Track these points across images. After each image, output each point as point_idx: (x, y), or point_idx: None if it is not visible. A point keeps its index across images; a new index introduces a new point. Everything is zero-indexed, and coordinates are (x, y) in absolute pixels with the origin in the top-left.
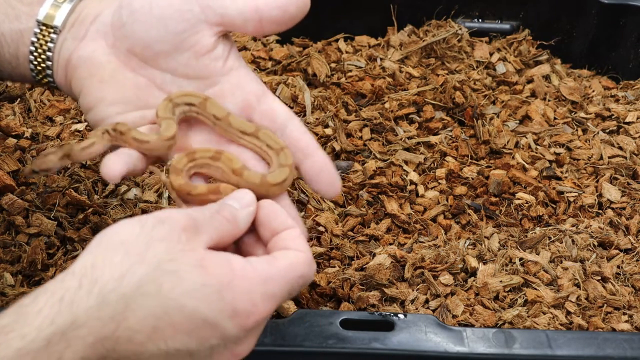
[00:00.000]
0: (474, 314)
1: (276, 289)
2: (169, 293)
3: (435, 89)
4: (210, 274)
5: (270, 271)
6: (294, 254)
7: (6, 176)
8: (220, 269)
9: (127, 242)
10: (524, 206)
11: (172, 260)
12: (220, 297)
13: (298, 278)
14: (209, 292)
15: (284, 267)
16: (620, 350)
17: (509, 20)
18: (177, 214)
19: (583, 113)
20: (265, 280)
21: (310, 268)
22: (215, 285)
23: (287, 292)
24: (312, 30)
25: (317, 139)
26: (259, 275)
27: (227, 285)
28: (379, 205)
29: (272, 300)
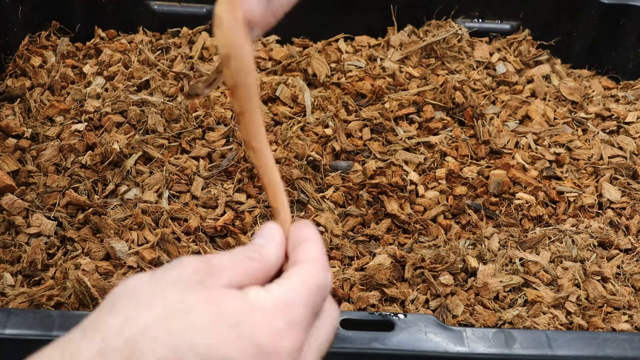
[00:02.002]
0: (474, 314)
1: (298, 312)
2: (178, 333)
3: (435, 89)
4: (223, 309)
5: (287, 295)
6: (305, 267)
7: (6, 176)
8: (234, 303)
9: (133, 289)
10: (524, 206)
11: (181, 300)
12: (238, 332)
13: (316, 290)
14: (223, 328)
15: (300, 284)
16: (620, 350)
17: (509, 20)
18: (189, 259)
19: (583, 113)
20: (285, 307)
21: (326, 275)
22: (230, 321)
23: (310, 311)
24: (312, 30)
25: (317, 139)
26: (278, 302)
27: (244, 319)
28: (379, 205)
29: (298, 326)
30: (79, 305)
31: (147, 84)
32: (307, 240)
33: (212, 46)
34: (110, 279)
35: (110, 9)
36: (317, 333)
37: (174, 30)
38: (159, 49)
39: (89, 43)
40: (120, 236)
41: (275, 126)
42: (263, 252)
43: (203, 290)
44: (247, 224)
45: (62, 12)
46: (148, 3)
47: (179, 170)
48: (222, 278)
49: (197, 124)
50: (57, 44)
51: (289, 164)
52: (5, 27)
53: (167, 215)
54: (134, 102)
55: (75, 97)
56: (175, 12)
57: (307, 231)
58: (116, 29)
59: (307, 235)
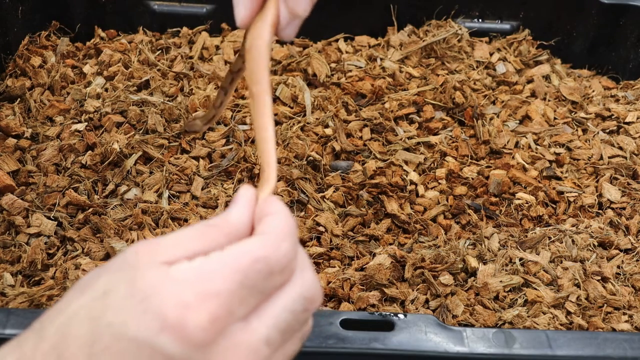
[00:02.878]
0: (474, 314)
1: (217, 285)
2: (97, 315)
3: (435, 89)
4: (138, 284)
5: (208, 266)
6: (249, 240)
7: (6, 176)
8: (151, 277)
9: (82, 280)
10: (524, 206)
11: (107, 284)
12: (145, 306)
13: (252, 263)
14: (134, 303)
15: (229, 255)
16: (620, 351)
17: (509, 20)
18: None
19: (583, 113)
20: (199, 276)
21: (275, 248)
22: (141, 294)
23: (238, 284)
24: (312, 30)
25: (317, 139)
26: (192, 272)
27: (154, 292)
28: (379, 205)
29: (214, 298)
30: None
31: (147, 84)
32: (269, 214)
33: (212, 46)
34: None
35: (110, 9)
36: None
37: (174, 30)
38: (159, 49)
39: (89, 43)
40: (120, 236)
41: (275, 126)
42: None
43: (129, 271)
44: None
45: (62, 12)
46: (148, 3)
47: (179, 170)
48: (159, 255)
49: None
50: (57, 44)
51: (289, 164)
52: (5, 27)
53: (167, 215)
54: (134, 102)
55: (75, 97)
56: (175, 12)
57: (273, 206)
58: (116, 29)
59: (271, 209)
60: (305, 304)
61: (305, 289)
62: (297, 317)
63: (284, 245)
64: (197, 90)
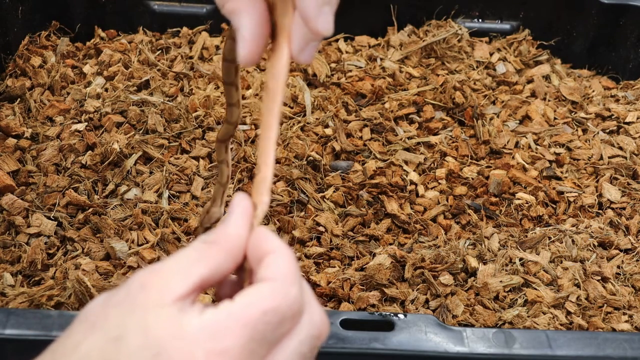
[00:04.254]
0: (474, 314)
1: (227, 342)
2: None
3: (435, 89)
4: (151, 335)
5: (218, 321)
6: (255, 290)
7: (6, 176)
8: (163, 328)
9: (86, 314)
10: (524, 206)
11: (119, 325)
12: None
13: (261, 316)
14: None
15: (237, 310)
16: (620, 350)
17: (509, 20)
18: (139, 273)
19: (583, 113)
20: (211, 335)
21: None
22: (154, 348)
23: (247, 339)
24: None
25: (317, 139)
26: (203, 329)
27: (165, 347)
28: (379, 205)
29: (223, 355)
30: (79, 305)
31: (147, 84)
32: (269, 252)
33: (212, 46)
34: (110, 279)
35: (110, 9)
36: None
37: (174, 30)
38: (159, 49)
39: (89, 43)
40: (120, 236)
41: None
42: (225, 231)
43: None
44: None
45: (62, 12)
46: (148, 3)
47: (179, 170)
48: (168, 292)
49: (197, 124)
50: (57, 44)
51: (289, 164)
52: (5, 27)
53: (167, 215)
54: (134, 102)
55: (75, 97)
56: (175, 12)
57: (270, 242)
58: (116, 29)
59: (270, 246)
60: (314, 342)
61: (314, 328)
62: (306, 356)
63: (293, 290)
64: (197, 90)
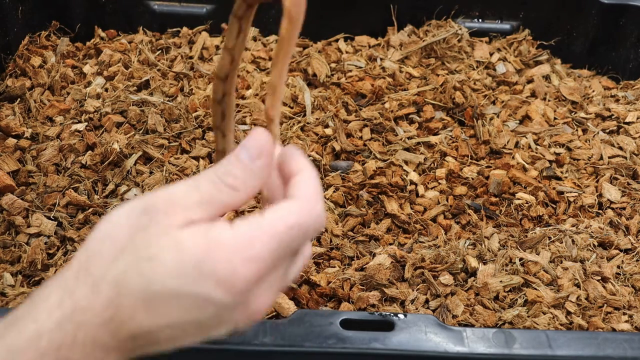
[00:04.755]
0: (474, 314)
1: (257, 250)
2: (150, 278)
3: (435, 89)
4: (186, 251)
5: (250, 233)
6: (285, 206)
7: (6, 176)
8: (196, 243)
9: (111, 236)
10: (524, 206)
11: (148, 246)
12: (200, 271)
13: (288, 230)
14: (188, 269)
15: (267, 224)
16: (620, 350)
17: (509, 20)
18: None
19: (583, 113)
20: (244, 244)
21: (309, 213)
22: (193, 261)
23: (275, 249)
24: (312, 30)
25: (317, 139)
26: (236, 240)
27: (205, 258)
28: (379, 205)
29: (255, 261)
30: None
31: (147, 84)
32: (297, 172)
33: (212, 46)
34: None
35: (110, 9)
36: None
37: (174, 30)
38: (159, 49)
39: (89, 43)
40: None
41: None
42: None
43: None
44: None
45: (62, 12)
46: (148, 3)
47: (179, 170)
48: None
49: (197, 124)
50: (57, 44)
51: None
52: (5, 27)
53: None
54: (134, 102)
55: (75, 97)
56: (175, 12)
57: (298, 162)
58: (116, 29)
59: (297, 166)
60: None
61: (319, 226)
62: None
63: (317, 207)
64: (197, 90)
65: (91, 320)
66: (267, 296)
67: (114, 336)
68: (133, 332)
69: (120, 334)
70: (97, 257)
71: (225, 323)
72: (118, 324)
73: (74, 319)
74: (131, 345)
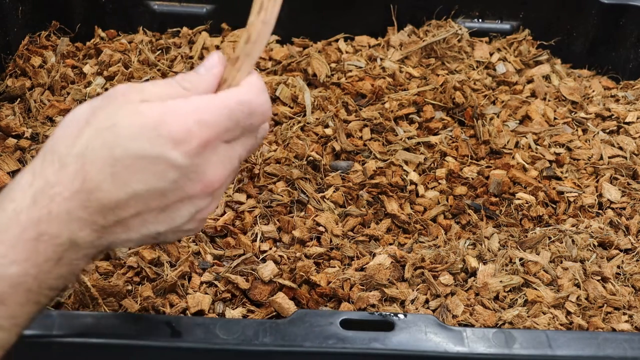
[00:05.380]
0: (474, 314)
1: (209, 115)
2: (112, 143)
3: (435, 89)
4: (146, 116)
5: (202, 101)
6: (235, 89)
7: (6, 176)
8: (154, 110)
9: (75, 119)
10: (524, 206)
11: (109, 118)
12: (158, 132)
13: (237, 105)
14: (147, 131)
15: (220, 98)
16: (620, 350)
17: (509, 20)
18: (118, 87)
19: (583, 113)
20: (196, 109)
21: (256, 96)
22: (152, 124)
23: (225, 118)
24: (312, 30)
25: (317, 139)
26: (191, 107)
27: (162, 121)
28: (379, 205)
29: (208, 126)
30: (79, 305)
31: None
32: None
33: (212, 46)
34: (110, 279)
35: (110, 9)
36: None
37: (174, 30)
38: (159, 49)
39: (89, 43)
40: None
41: (275, 126)
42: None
43: (126, 106)
44: (247, 224)
45: (62, 12)
46: (148, 3)
47: None
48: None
49: None
50: (57, 44)
51: (289, 164)
52: (5, 27)
53: None
54: None
55: (75, 97)
56: (175, 12)
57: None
58: (116, 29)
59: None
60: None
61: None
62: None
63: (264, 95)
64: None
65: (62, 193)
66: (221, 167)
67: (84, 208)
68: (101, 203)
69: (90, 206)
70: (62, 138)
71: (185, 199)
72: (87, 193)
73: (46, 193)
74: (102, 222)
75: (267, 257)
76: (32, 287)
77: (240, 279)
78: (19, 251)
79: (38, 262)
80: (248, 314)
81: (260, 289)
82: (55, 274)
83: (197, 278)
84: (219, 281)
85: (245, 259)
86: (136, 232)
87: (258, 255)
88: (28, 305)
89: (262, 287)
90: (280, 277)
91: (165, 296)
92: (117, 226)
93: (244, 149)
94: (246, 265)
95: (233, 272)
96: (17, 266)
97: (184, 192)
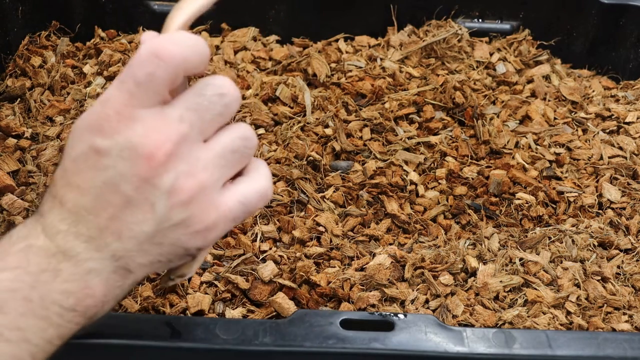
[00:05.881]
0: (474, 314)
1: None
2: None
3: (435, 89)
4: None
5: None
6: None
7: (6, 176)
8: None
9: None
10: (524, 206)
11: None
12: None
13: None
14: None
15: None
16: (620, 351)
17: (509, 20)
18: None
19: (583, 113)
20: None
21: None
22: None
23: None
24: (312, 30)
25: (317, 139)
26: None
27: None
28: (379, 205)
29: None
30: None
31: None
32: None
33: (212, 46)
34: None
35: (110, 9)
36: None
37: None
38: None
39: (89, 43)
40: None
41: (275, 126)
42: None
43: None
44: (247, 224)
45: (62, 12)
46: (148, 3)
47: None
48: None
49: None
50: (57, 44)
51: (289, 164)
52: (5, 27)
53: None
54: None
55: (76, 97)
56: None
57: None
58: (116, 29)
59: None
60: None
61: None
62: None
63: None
64: None
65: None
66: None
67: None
68: (71, 212)
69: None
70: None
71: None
72: (59, 207)
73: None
74: (85, 231)
75: (267, 257)
76: (31, 297)
77: (240, 279)
78: (9, 260)
79: (31, 271)
80: (248, 314)
81: (260, 289)
82: (58, 288)
83: (197, 278)
84: (219, 281)
85: (245, 259)
86: (127, 239)
87: (258, 255)
88: (33, 319)
89: (262, 287)
90: (280, 277)
91: (165, 296)
92: (104, 233)
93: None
94: (246, 265)
95: (233, 272)
96: (8, 272)
97: (132, 176)
